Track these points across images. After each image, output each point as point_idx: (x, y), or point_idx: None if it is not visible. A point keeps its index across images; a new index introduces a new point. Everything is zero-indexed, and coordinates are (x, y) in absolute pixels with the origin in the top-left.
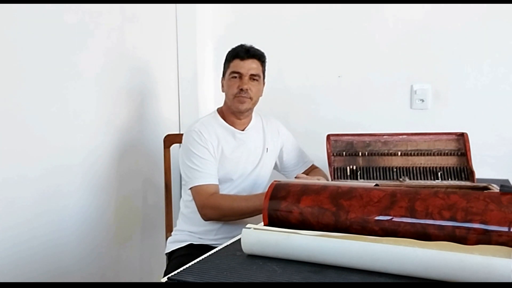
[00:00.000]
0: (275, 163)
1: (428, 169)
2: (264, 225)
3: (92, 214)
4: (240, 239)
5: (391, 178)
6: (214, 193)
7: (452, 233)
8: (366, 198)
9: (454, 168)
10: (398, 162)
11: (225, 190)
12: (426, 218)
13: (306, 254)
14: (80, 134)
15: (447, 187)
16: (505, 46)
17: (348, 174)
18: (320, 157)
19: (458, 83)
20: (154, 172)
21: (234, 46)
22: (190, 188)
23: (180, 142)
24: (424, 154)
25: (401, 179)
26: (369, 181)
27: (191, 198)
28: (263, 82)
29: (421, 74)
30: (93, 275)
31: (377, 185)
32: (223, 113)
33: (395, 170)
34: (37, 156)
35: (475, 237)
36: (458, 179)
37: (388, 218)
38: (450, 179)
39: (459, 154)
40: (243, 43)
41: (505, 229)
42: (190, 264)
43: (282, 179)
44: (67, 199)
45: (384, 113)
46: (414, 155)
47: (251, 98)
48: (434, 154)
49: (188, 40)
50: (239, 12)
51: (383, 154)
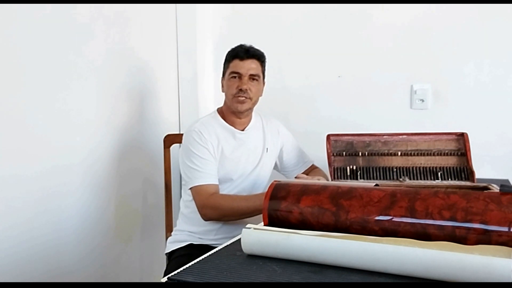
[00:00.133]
0: (275, 163)
1: (428, 169)
2: (264, 225)
3: (92, 214)
4: (240, 239)
5: (391, 178)
6: (214, 193)
7: (452, 233)
8: (366, 198)
9: (454, 168)
10: (398, 162)
11: (225, 190)
12: (426, 218)
13: (306, 254)
14: (80, 134)
15: (447, 187)
16: (505, 46)
17: (348, 174)
18: (320, 157)
19: (458, 83)
20: (154, 172)
21: (234, 46)
22: (190, 188)
23: (180, 142)
24: (424, 154)
25: (401, 179)
26: (369, 181)
27: (191, 198)
28: (263, 82)
29: (421, 74)
30: (93, 275)
31: (377, 185)
32: (223, 113)
33: (395, 170)
34: (37, 156)
35: (475, 237)
36: (458, 179)
37: (388, 218)
38: (450, 179)
39: (459, 154)
40: (243, 43)
41: (505, 229)
42: (190, 264)
43: (282, 179)
44: (67, 199)
45: (384, 113)
46: (414, 155)
47: (251, 98)
48: (434, 154)
49: (188, 40)
50: (239, 12)
51: (383, 154)
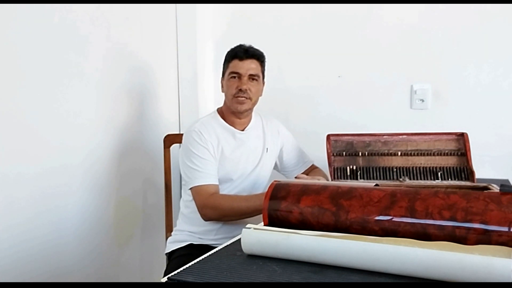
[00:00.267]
0: (275, 163)
1: (428, 169)
2: (264, 225)
3: (92, 214)
4: (240, 239)
5: (391, 178)
6: (214, 193)
7: (452, 233)
8: (366, 198)
9: (454, 168)
10: (398, 162)
11: (225, 190)
12: (426, 218)
13: (306, 254)
14: (80, 134)
15: (447, 187)
16: (505, 46)
17: (348, 174)
18: (320, 157)
19: (458, 83)
20: (154, 172)
21: (233, 46)
22: (190, 188)
23: (180, 142)
24: (424, 154)
25: (401, 179)
26: (369, 181)
27: (191, 198)
28: (263, 82)
29: (421, 74)
30: (93, 275)
31: (377, 185)
32: (223, 113)
33: (395, 170)
34: (37, 155)
35: (475, 237)
36: (458, 179)
37: (388, 218)
38: (450, 179)
39: (459, 154)
40: (242, 43)
41: (505, 229)
42: (190, 264)
43: (282, 179)
44: (67, 199)
45: (384, 113)
46: (414, 155)
47: (250, 99)
48: (434, 154)
49: (188, 40)
50: (239, 12)
51: (383, 154)
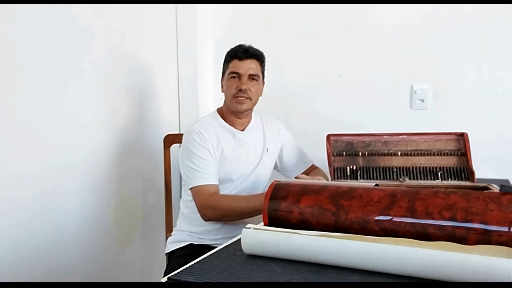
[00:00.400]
0: (275, 163)
1: (428, 169)
2: (264, 225)
3: (92, 214)
4: (240, 239)
5: (391, 178)
6: (214, 193)
7: (452, 233)
8: (366, 198)
9: (454, 168)
10: (398, 162)
11: (225, 190)
12: (426, 218)
13: (306, 254)
14: (80, 134)
15: (447, 187)
16: (505, 46)
17: (348, 174)
18: (320, 157)
19: (458, 83)
20: (154, 172)
21: (233, 46)
22: (190, 188)
23: (180, 142)
24: (424, 154)
25: (401, 179)
26: (369, 181)
27: (191, 198)
28: (263, 82)
29: (421, 74)
30: (93, 275)
31: (377, 185)
32: (223, 113)
33: (395, 170)
34: (36, 155)
35: (475, 237)
36: (458, 179)
37: (388, 218)
38: (450, 179)
39: (459, 154)
40: (242, 43)
41: (505, 229)
42: (190, 264)
43: (282, 179)
44: (67, 199)
45: (384, 113)
46: (414, 155)
47: (250, 99)
48: (434, 154)
49: (188, 40)
50: (239, 12)
51: (383, 154)
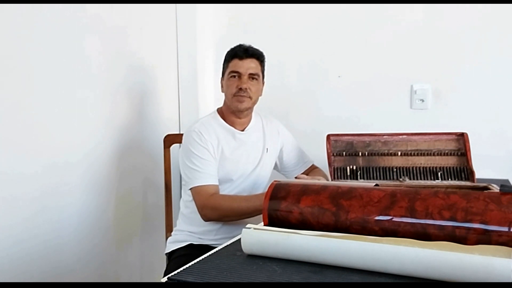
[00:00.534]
0: (275, 163)
1: (428, 169)
2: (264, 225)
3: (92, 214)
4: (240, 239)
5: (391, 178)
6: (214, 193)
7: (452, 233)
8: (366, 198)
9: (454, 168)
10: (398, 162)
11: (225, 190)
12: (426, 218)
13: (306, 254)
14: (80, 134)
15: (447, 187)
16: (505, 46)
17: (348, 174)
18: (320, 157)
19: (458, 83)
20: (154, 172)
21: (233, 46)
22: (190, 188)
23: (180, 142)
24: (424, 154)
25: (401, 179)
26: (369, 181)
27: (191, 198)
28: (263, 82)
29: (421, 74)
30: (93, 275)
31: (377, 185)
32: (223, 113)
33: (395, 170)
34: (37, 155)
35: (475, 237)
36: (458, 179)
37: (388, 218)
38: (450, 179)
39: (459, 154)
40: (242, 43)
41: (505, 229)
42: (190, 264)
43: (282, 179)
44: (67, 198)
45: (384, 113)
46: (414, 155)
47: (250, 98)
48: (434, 154)
49: (188, 40)
50: (239, 12)
51: (383, 154)
